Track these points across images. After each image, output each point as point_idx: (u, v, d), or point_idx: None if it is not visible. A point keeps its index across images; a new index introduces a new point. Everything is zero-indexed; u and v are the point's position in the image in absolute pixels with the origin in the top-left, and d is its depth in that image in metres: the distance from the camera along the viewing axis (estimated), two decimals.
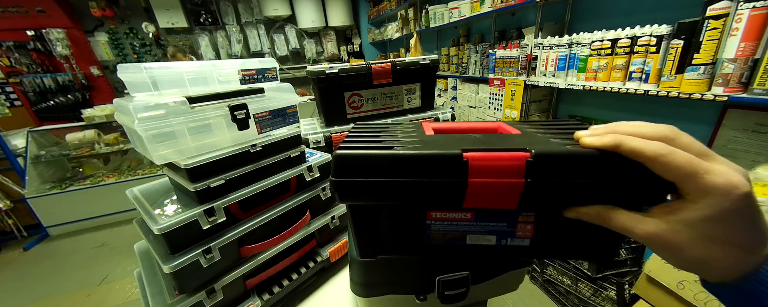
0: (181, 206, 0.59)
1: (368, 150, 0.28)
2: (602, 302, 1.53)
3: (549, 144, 0.28)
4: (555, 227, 0.31)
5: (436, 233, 0.32)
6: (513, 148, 0.27)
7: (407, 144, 0.29)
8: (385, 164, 0.27)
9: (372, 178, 0.28)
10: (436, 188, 0.27)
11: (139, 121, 0.50)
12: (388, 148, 0.28)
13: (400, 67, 0.99)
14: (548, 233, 0.31)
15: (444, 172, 0.27)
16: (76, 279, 2.28)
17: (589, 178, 0.26)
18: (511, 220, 0.31)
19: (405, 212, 0.32)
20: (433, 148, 0.28)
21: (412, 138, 0.32)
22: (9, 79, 3.52)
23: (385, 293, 0.50)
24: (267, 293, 0.70)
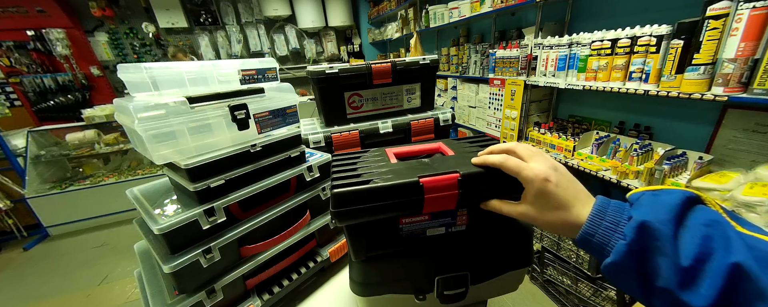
0: (181, 206, 0.59)
1: (355, 186, 0.40)
2: (602, 302, 1.53)
3: (470, 165, 0.43)
4: (479, 216, 0.48)
5: (407, 232, 0.47)
6: (449, 171, 0.41)
7: (381, 175, 0.43)
8: (368, 195, 0.40)
9: (361, 205, 0.40)
10: (403, 204, 0.41)
11: (139, 121, 0.50)
12: (367, 182, 0.41)
13: (400, 67, 0.99)
14: (476, 219, 0.48)
15: (408, 193, 0.40)
16: (76, 279, 2.29)
17: (491, 184, 0.42)
18: (453, 215, 0.47)
19: (385, 223, 0.45)
20: (399, 177, 0.41)
21: (382, 168, 0.45)
22: (9, 79, 3.52)
23: (385, 293, 0.50)
24: (267, 293, 0.70)
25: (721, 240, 0.27)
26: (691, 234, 0.28)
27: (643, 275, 0.29)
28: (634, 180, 1.47)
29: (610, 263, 0.31)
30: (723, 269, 0.25)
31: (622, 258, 0.30)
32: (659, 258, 0.28)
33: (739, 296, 0.25)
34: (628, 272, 0.30)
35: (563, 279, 1.68)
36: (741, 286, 0.24)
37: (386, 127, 0.99)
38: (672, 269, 0.27)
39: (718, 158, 1.37)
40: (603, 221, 0.33)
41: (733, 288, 0.25)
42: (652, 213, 0.30)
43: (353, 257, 0.49)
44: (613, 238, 0.32)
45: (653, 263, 0.29)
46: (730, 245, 0.26)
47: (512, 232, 0.51)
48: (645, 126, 1.64)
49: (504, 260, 0.51)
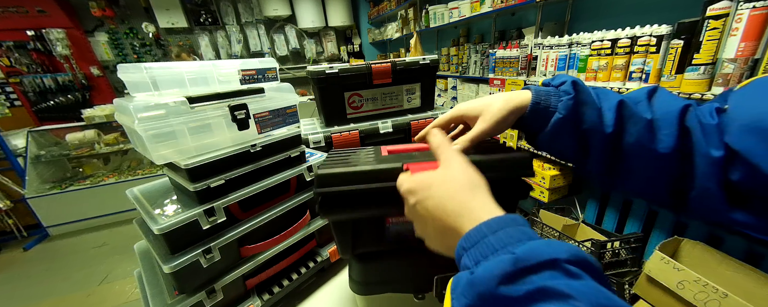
0: (181, 206, 0.59)
1: (339, 168, 0.40)
2: None
3: None
4: None
5: (393, 232, 0.47)
6: (434, 160, 0.39)
7: (367, 163, 0.42)
8: (351, 177, 0.39)
9: (343, 186, 0.39)
10: (387, 190, 0.38)
11: (139, 121, 0.50)
12: (354, 165, 0.40)
13: (400, 67, 0.99)
14: None
15: (391, 178, 0.38)
16: (76, 279, 2.29)
17: None
18: None
19: (371, 221, 0.45)
20: (384, 163, 0.41)
21: (370, 158, 0.45)
22: (9, 79, 3.52)
23: (384, 292, 0.50)
24: (267, 293, 0.70)
25: (604, 92, 0.41)
26: (592, 90, 0.40)
27: (576, 124, 0.40)
28: None
29: (559, 119, 0.40)
30: (614, 105, 0.38)
31: (568, 112, 0.39)
32: (587, 108, 0.39)
33: (626, 123, 0.38)
34: (569, 124, 0.40)
35: None
36: (626, 114, 0.38)
37: (386, 127, 0.99)
38: (595, 113, 0.39)
39: None
40: (542, 93, 0.41)
41: (621, 116, 0.38)
42: (572, 78, 0.41)
43: (340, 253, 0.49)
44: (557, 100, 0.40)
45: (584, 113, 0.39)
46: (608, 94, 0.40)
47: None
48: None
49: None
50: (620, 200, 1.74)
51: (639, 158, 0.37)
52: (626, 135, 0.38)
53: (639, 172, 0.38)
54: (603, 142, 0.38)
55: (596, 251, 1.47)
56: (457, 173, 0.32)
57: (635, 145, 0.37)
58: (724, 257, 1.25)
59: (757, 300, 1.03)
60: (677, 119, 0.35)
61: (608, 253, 1.53)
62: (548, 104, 0.41)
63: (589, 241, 1.54)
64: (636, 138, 0.37)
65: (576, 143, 0.41)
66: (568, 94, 0.40)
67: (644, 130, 0.36)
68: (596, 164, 0.40)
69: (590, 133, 0.39)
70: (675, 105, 0.36)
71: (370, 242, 0.48)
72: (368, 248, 0.49)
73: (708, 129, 0.33)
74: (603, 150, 0.39)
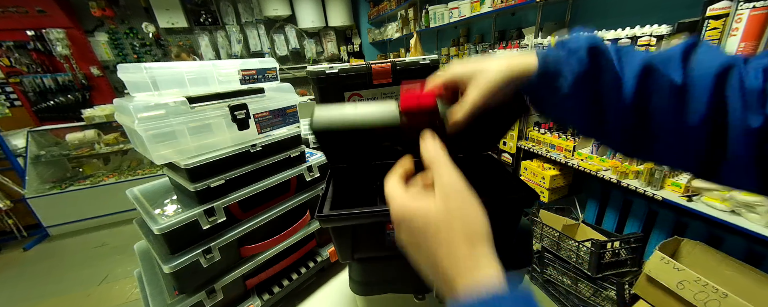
0: (181, 206, 0.59)
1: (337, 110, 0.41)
2: (602, 302, 1.53)
3: None
4: None
5: (393, 238, 0.43)
6: None
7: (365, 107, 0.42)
8: (349, 117, 0.40)
9: (341, 121, 0.40)
10: (383, 127, 0.39)
11: (139, 121, 0.50)
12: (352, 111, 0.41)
13: (400, 67, 0.99)
14: None
15: (388, 122, 0.39)
16: (76, 279, 2.28)
17: None
18: None
19: (371, 227, 0.44)
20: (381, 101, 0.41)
21: None
22: (9, 79, 3.52)
23: (384, 292, 0.50)
24: (267, 293, 0.70)
25: (627, 53, 0.34)
26: (613, 51, 0.34)
27: (591, 95, 0.34)
28: (634, 180, 1.47)
29: (570, 89, 0.34)
30: (638, 70, 0.32)
31: (581, 82, 0.34)
32: (605, 77, 0.33)
33: (651, 90, 0.32)
34: (582, 96, 0.34)
35: (563, 279, 1.68)
36: (652, 79, 0.32)
37: None
38: (613, 82, 0.33)
39: None
40: (551, 59, 0.35)
41: (646, 82, 0.32)
42: (591, 40, 0.35)
43: (340, 259, 0.49)
44: (568, 68, 0.34)
45: (601, 83, 0.34)
46: (635, 54, 0.33)
47: (510, 232, 0.51)
48: None
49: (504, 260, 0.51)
50: (620, 200, 1.74)
51: (665, 129, 0.32)
52: (650, 104, 0.32)
53: (665, 143, 0.33)
54: (622, 114, 0.33)
55: (596, 251, 1.47)
56: (456, 215, 0.26)
57: (661, 115, 0.32)
58: (724, 257, 1.25)
59: (757, 300, 1.03)
60: (712, 84, 0.29)
61: (608, 253, 1.53)
62: (558, 72, 0.35)
63: (589, 241, 1.54)
64: (661, 107, 0.31)
65: (590, 115, 0.35)
66: (581, 63, 0.34)
67: (672, 99, 0.31)
68: (613, 135, 0.35)
69: (607, 104, 0.34)
70: (713, 65, 0.30)
71: (370, 248, 0.47)
72: (368, 254, 0.48)
73: (749, 94, 0.28)
74: (622, 122, 0.34)
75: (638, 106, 0.32)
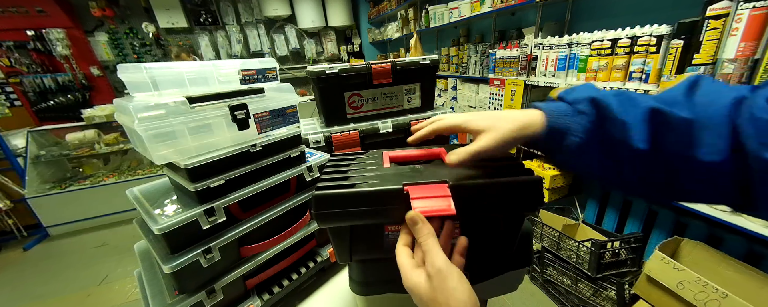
0: (181, 206, 0.59)
1: (338, 189, 0.39)
2: (602, 302, 1.53)
3: (464, 176, 0.41)
4: (472, 229, 0.43)
5: (392, 240, 0.44)
6: (439, 181, 0.39)
7: (367, 179, 0.41)
8: (350, 199, 0.38)
9: (342, 208, 0.39)
10: (387, 211, 0.39)
11: (139, 121, 0.50)
12: (352, 186, 0.39)
13: (400, 67, 0.99)
14: (468, 232, 0.42)
15: (392, 200, 0.38)
16: (76, 279, 2.28)
17: (485, 197, 0.39)
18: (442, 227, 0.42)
19: (369, 229, 0.43)
20: (384, 184, 0.39)
21: (371, 172, 0.44)
22: (9, 79, 3.52)
23: (384, 292, 0.50)
24: (267, 293, 0.70)
25: (628, 100, 0.34)
26: (615, 101, 0.34)
27: (601, 145, 0.35)
28: None
29: (579, 144, 0.35)
30: (645, 115, 0.32)
31: (589, 135, 0.35)
32: (611, 127, 0.34)
33: (662, 133, 0.32)
34: (593, 147, 0.35)
35: (563, 279, 1.68)
36: (660, 122, 0.32)
37: (386, 128, 0.99)
38: (621, 130, 0.33)
39: None
40: (557, 115, 0.37)
41: (656, 126, 0.32)
42: (591, 92, 0.36)
43: (338, 260, 0.48)
44: (575, 121, 0.36)
45: (609, 132, 0.34)
46: (636, 100, 0.33)
47: (511, 234, 0.50)
48: None
49: (504, 260, 0.51)
50: (620, 199, 1.74)
51: (684, 169, 0.31)
52: (664, 146, 0.31)
53: (687, 183, 0.32)
54: (636, 160, 0.33)
55: (596, 251, 1.47)
56: (439, 295, 0.31)
57: (677, 156, 0.31)
58: (724, 257, 1.25)
59: (757, 300, 1.03)
60: (727, 117, 0.29)
61: (608, 253, 1.53)
62: (567, 128, 0.36)
63: (589, 241, 1.54)
64: (677, 147, 0.31)
65: (603, 164, 0.35)
66: (585, 115, 0.35)
67: (685, 136, 0.30)
68: (632, 181, 0.35)
69: (619, 151, 0.33)
70: (723, 98, 0.29)
71: (369, 249, 0.46)
72: (366, 255, 0.48)
73: (762, 125, 0.26)
74: (637, 167, 0.33)
75: (651, 149, 0.32)
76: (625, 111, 0.33)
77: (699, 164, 0.30)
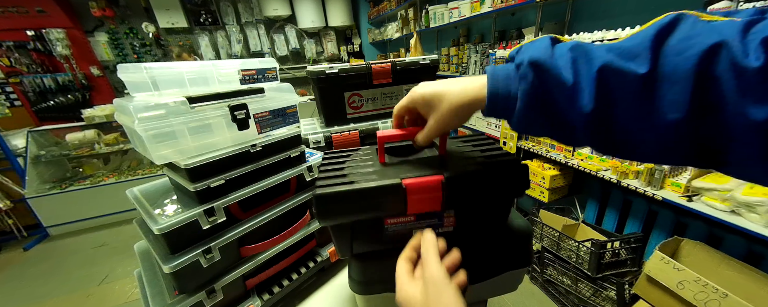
0: (181, 206, 0.59)
1: (337, 187, 0.40)
2: (602, 302, 1.53)
3: (457, 167, 0.42)
4: (466, 218, 0.46)
5: (392, 233, 0.45)
6: (433, 173, 0.41)
7: (365, 176, 0.42)
8: (350, 196, 0.39)
9: (343, 205, 0.40)
10: (387, 205, 0.41)
11: (139, 121, 0.50)
12: (351, 183, 0.40)
13: (400, 67, 0.99)
14: (463, 221, 0.46)
15: (391, 194, 0.40)
16: (76, 279, 2.28)
17: (478, 187, 0.42)
18: (439, 216, 0.45)
19: (369, 223, 0.44)
20: (382, 179, 0.40)
21: (368, 168, 0.45)
22: (9, 79, 3.52)
23: (384, 291, 0.50)
24: (267, 293, 0.70)
25: (583, 56, 0.30)
26: (563, 60, 0.31)
27: (546, 109, 0.33)
28: (634, 180, 1.47)
29: (521, 109, 0.33)
30: (593, 75, 0.29)
31: (530, 99, 0.33)
32: (555, 90, 0.31)
33: (614, 91, 0.28)
34: (537, 111, 0.33)
35: (563, 279, 1.68)
36: (612, 80, 0.28)
37: (386, 128, 0.99)
38: (567, 93, 0.30)
39: None
40: (500, 79, 0.35)
41: (606, 85, 0.28)
42: (534, 52, 0.33)
43: (339, 255, 0.49)
44: (513, 86, 0.34)
45: (552, 96, 0.32)
46: (592, 55, 0.30)
47: (509, 232, 0.51)
48: None
49: (503, 259, 0.51)
50: (620, 200, 1.74)
51: (641, 130, 0.28)
52: (616, 105, 0.28)
53: (645, 145, 0.29)
54: (586, 122, 0.30)
55: (596, 251, 1.47)
56: (432, 305, 0.32)
57: (630, 118, 0.28)
58: (724, 257, 1.25)
59: (757, 300, 1.03)
60: (694, 69, 0.24)
61: (608, 253, 1.54)
62: (508, 92, 0.34)
63: (589, 241, 1.54)
64: (629, 108, 0.28)
65: (554, 127, 0.34)
66: (525, 80, 0.33)
67: (639, 95, 0.27)
68: (588, 143, 0.33)
69: (567, 115, 0.31)
70: (698, 45, 0.24)
71: (369, 243, 0.48)
72: (367, 248, 0.49)
73: (747, 76, 0.22)
74: (590, 130, 0.31)
75: (600, 110, 0.29)
76: (573, 71, 0.30)
77: (656, 124, 0.27)
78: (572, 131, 0.33)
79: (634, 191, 1.44)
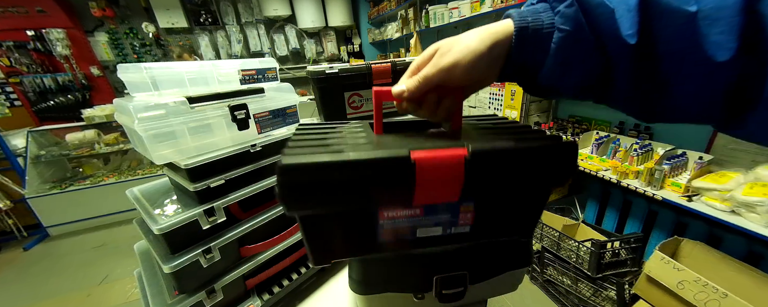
0: (181, 206, 0.59)
1: (316, 156, 0.26)
2: (602, 302, 1.53)
3: (482, 141, 0.30)
4: (490, 213, 0.34)
5: (388, 231, 0.33)
6: (454, 145, 0.28)
7: (356, 146, 0.29)
8: (335, 171, 0.26)
9: (320, 184, 0.26)
10: (386, 189, 0.28)
11: (139, 121, 0.50)
12: (338, 152, 0.27)
13: (400, 67, 0.99)
14: (484, 218, 0.34)
15: (393, 173, 0.27)
16: (76, 279, 2.28)
17: (515, 168, 0.30)
18: (455, 210, 0.33)
19: (358, 216, 0.31)
20: (381, 149, 0.27)
21: (360, 139, 0.32)
22: (9, 79, 3.52)
23: (384, 291, 0.50)
24: (267, 293, 0.70)
25: None
26: None
27: (587, 40, 0.29)
28: (634, 180, 1.47)
29: (561, 38, 0.29)
30: (634, 3, 0.26)
31: (572, 25, 0.29)
32: (598, 13, 0.28)
33: (657, 25, 0.26)
34: (577, 43, 0.29)
35: (563, 279, 1.68)
36: (654, 12, 0.26)
37: None
38: (609, 19, 0.27)
39: (718, 158, 1.37)
40: (528, 14, 0.31)
41: (648, 16, 0.26)
42: None
43: (311, 262, 0.35)
44: (550, 15, 0.30)
45: (595, 21, 0.28)
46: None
47: (535, 211, 0.40)
48: (645, 126, 1.64)
49: (504, 259, 0.51)
50: (620, 200, 1.74)
51: (680, 72, 0.26)
52: (660, 40, 0.26)
53: (683, 89, 0.27)
54: (627, 59, 0.27)
55: (596, 251, 1.47)
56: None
57: (674, 55, 0.26)
58: (724, 257, 1.25)
59: (757, 300, 1.03)
60: (741, 5, 0.23)
61: (608, 253, 1.53)
62: (541, 25, 0.30)
63: (589, 241, 1.54)
64: (674, 44, 0.26)
65: (591, 70, 0.30)
66: (560, 4, 0.29)
67: (686, 32, 0.25)
68: (625, 91, 0.29)
69: (608, 49, 0.28)
70: None
71: (356, 245, 0.35)
72: (352, 255, 0.37)
73: None
74: (632, 69, 0.28)
75: (644, 44, 0.27)
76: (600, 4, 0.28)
77: (699, 63, 0.25)
78: (610, 73, 0.29)
79: (634, 191, 1.44)
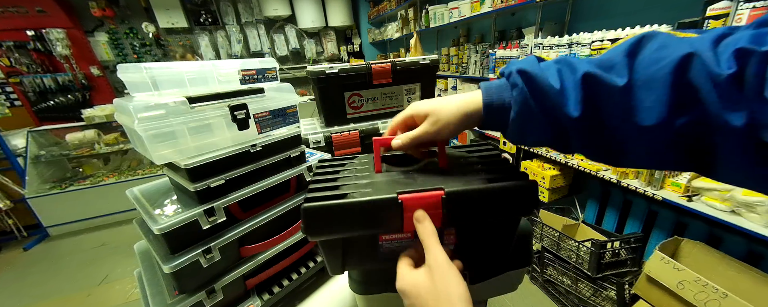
0: (181, 206, 0.59)
1: (328, 201, 0.37)
2: (602, 302, 1.53)
3: (459, 181, 0.39)
4: (470, 234, 0.43)
5: (387, 250, 0.42)
6: (432, 189, 0.37)
7: (358, 187, 0.39)
8: (342, 211, 0.37)
9: (334, 221, 0.37)
10: (382, 221, 0.38)
11: (139, 121, 0.50)
12: (343, 197, 0.37)
13: (400, 67, 0.99)
14: (466, 238, 0.43)
15: (387, 210, 0.37)
16: (76, 279, 2.28)
17: (482, 204, 0.38)
18: (440, 233, 0.39)
19: (363, 239, 0.41)
20: (377, 193, 0.37)
21: (363, 179, 0.42)
22: (9, 79, 3.52)
23: (384, 291, 0.50)
24: (267, 293, 0.70)
25: (567, 67, 0.33)
26: (550, 71, 0.34)
27: (537, 115, 0.35)
28: (634, 180, 1.47)
29: (515, 116, 0.36)
30: (578, 81, 0.32)
31: (522, 106, 0.35)
32: (544, 96, 0.34)
33: (597, 98, 0.31)
34: (529, 118, 0.35)
35: (563, 279, 1.68)
36: (594, 88, 0.31)
37: (386, 128, 0.99)
38: (555, 99, 0.33)
39: None
40: (493, 91, 0.38)
41: (590, 92, 0.31)
42: (522, 64, 0.36)
43: (330, 272, 0.45)
44: (507, 95, 0.37)
45: (542, 102, 0.34)
46: (575, 66, 0.33)
47: (508, 235, 0.48)
48: None
49: (504, 260, 0.51)
50: (620, 199, 1.74)
51: (628, 136, 0.30)
52: (602, 112, 0.31)
53: (636, 150, 0.31)
54: (577, 127, 0.33)
55: (596, 251, 1.47)
56: (440, 288, 0.32)
57: (616, 122, 0.30)
58: (724, 257, 1.25)
59: (757, 300, 1.03)
60: (670, 77, 0.26)
61: (608, 253, 1.53)
62: (502, 102, 0.37)
63: (589, 241, 1.54)
64: (613, 114, 0.30)
65: (547, 134, 0.36)
66: (516, 87, 0.35)
67: (621, 102, 0.29)
68: (580, 149, 0.35)
69: (559, 120, 0.34)
70: (669, 55, 0.27)
71: (362, 260, 0.45)
72: (359, 266, 0.46)
73: (721, 84, 0.23)
74: (581, 135, 0.33)
75: (588, 116, 0.32)
76: (559, 78, 0.33)
77: (640, 130, 0.29)
78: (565, 137, 0.35)
79: (634, 191, 1.44)
